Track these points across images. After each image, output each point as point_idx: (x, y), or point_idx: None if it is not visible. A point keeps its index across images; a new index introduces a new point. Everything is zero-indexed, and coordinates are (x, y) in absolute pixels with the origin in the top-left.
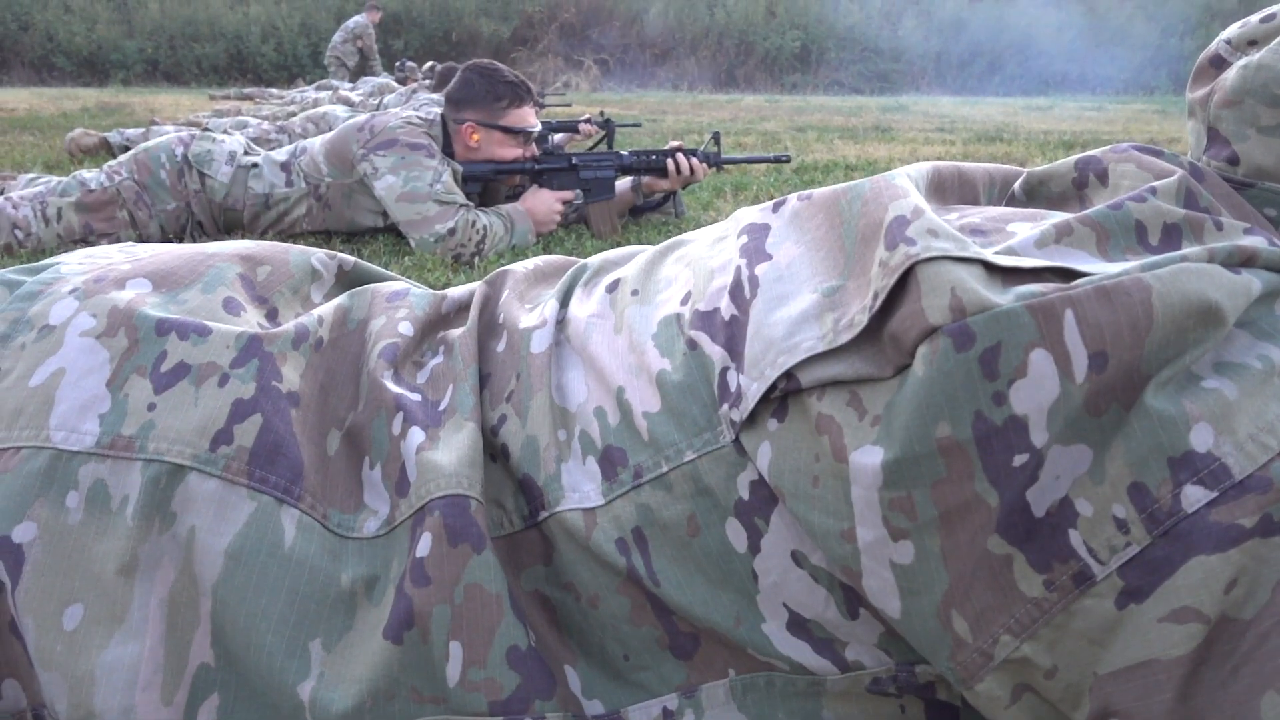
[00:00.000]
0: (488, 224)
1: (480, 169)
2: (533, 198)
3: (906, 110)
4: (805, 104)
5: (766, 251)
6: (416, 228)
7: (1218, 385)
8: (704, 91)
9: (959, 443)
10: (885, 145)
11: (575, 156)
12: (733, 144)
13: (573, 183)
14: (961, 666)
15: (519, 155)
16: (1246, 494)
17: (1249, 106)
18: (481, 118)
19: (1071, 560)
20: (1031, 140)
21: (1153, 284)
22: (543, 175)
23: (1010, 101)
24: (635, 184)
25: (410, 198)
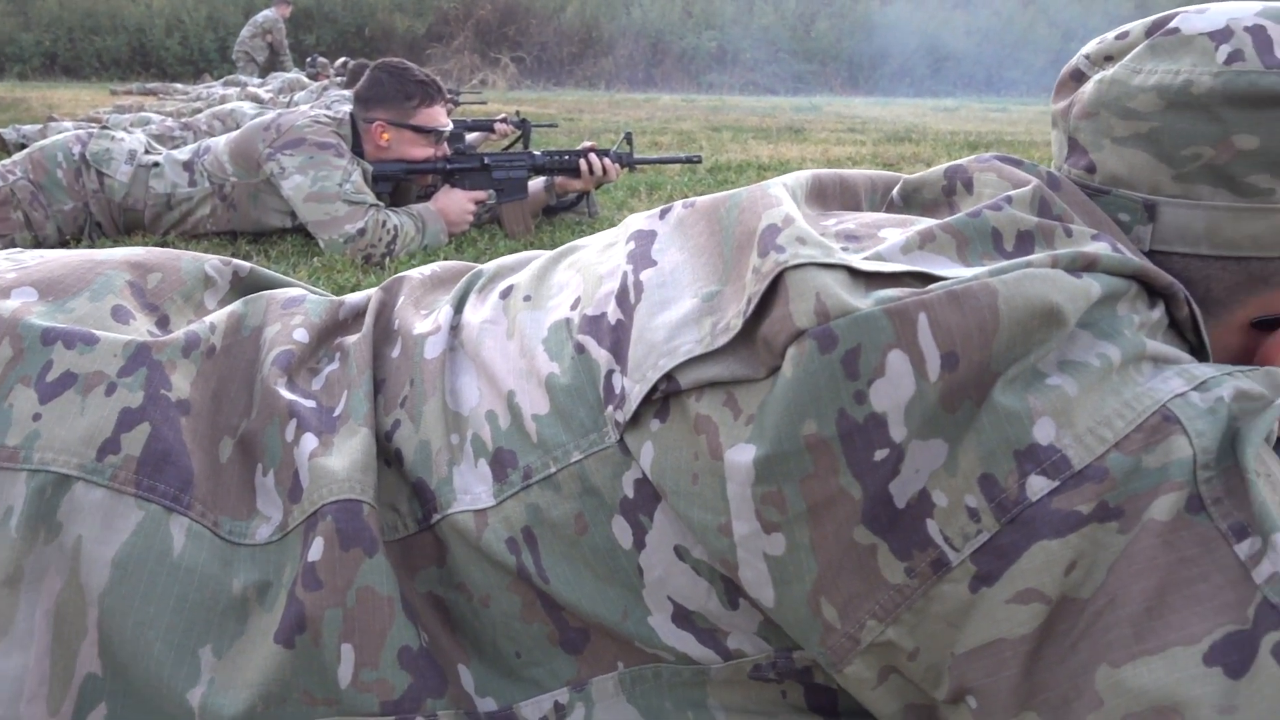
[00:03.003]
0: (398, 224)
1: (391, 169)
2: (445, 198)
3: (819, 111)
4: (721, 104)
5: (652, 258)
6: (325, 228)
7: (1060, 382)
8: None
9: (824, 439)
10: (798, 145)
11: (488, 156)
12: (649, 144)
13: (485, 183)
14: (831, 651)
15: (430, 155)
16: (1085, 483)
17: (1104, 118)
18: (392, 117)
19: (930, 548)
20: (939, 141)
21: (999, 288)
22: (455, 175)
23: (920, 103)
24: (548, 184)
25: (319, 198)
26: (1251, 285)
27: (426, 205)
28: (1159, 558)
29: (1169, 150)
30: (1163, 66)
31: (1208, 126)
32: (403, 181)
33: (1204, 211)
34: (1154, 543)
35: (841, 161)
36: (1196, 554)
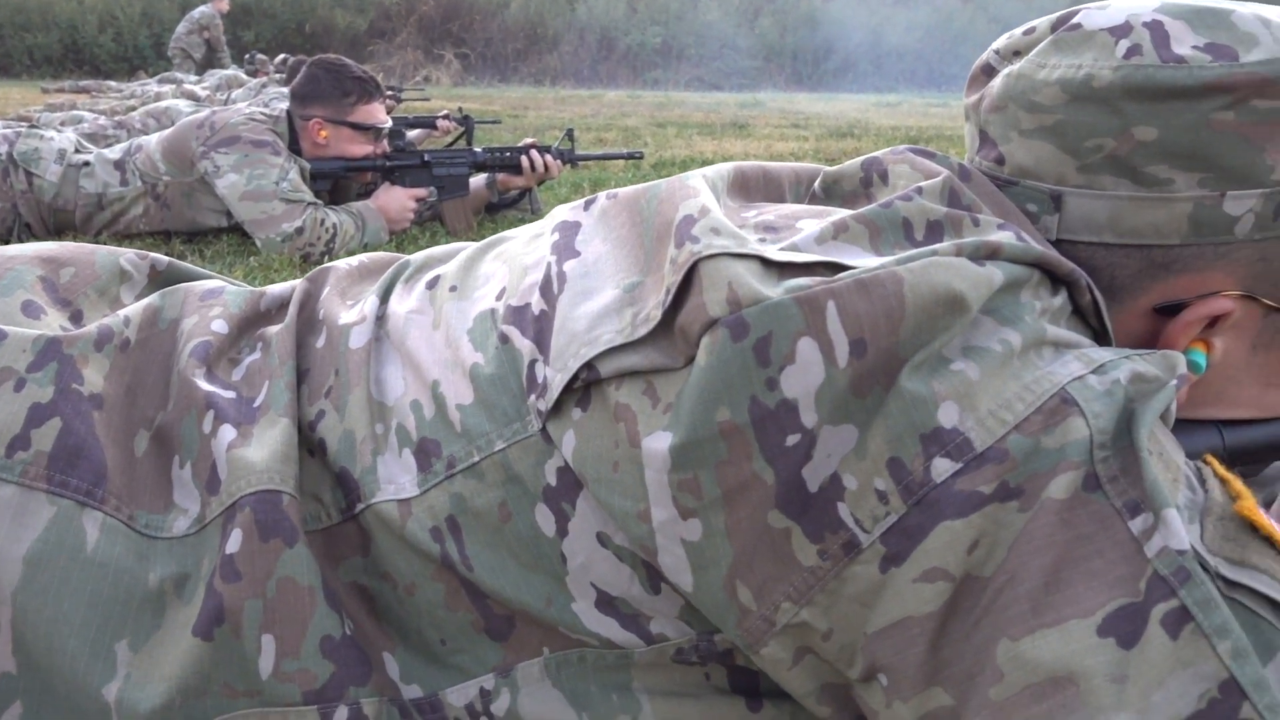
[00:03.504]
0: (337, 222)
1: (329, 166)
2: (385, 195)
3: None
4: (667, 100)
5: (575, 249)
6: (262, 227)
7: (963, 367)
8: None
9: (738, 426)
10: (742, 141)
11: (428, 153)
12: (594, 140)
13: (426, 180)
14: (748, 633)
15: (369, 152)
16: (986, 464)
17: (1011, 112)
18: (329, 114)
19: (841, 530)
20: (880, 136)
21: (905, 276)
22: (395, 172)
23: (862, 98)
24: (490, 181)
25: (255, 196)
26: (1154, 272)
27: (366, 203)
28: (1056, 535)
29: (1073, 142)
30: (1066, 61)
31: (1108, 119)
32: (342, 179)
33: (1107, 201)
34: (1052, 521)
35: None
36: (1093, 531)
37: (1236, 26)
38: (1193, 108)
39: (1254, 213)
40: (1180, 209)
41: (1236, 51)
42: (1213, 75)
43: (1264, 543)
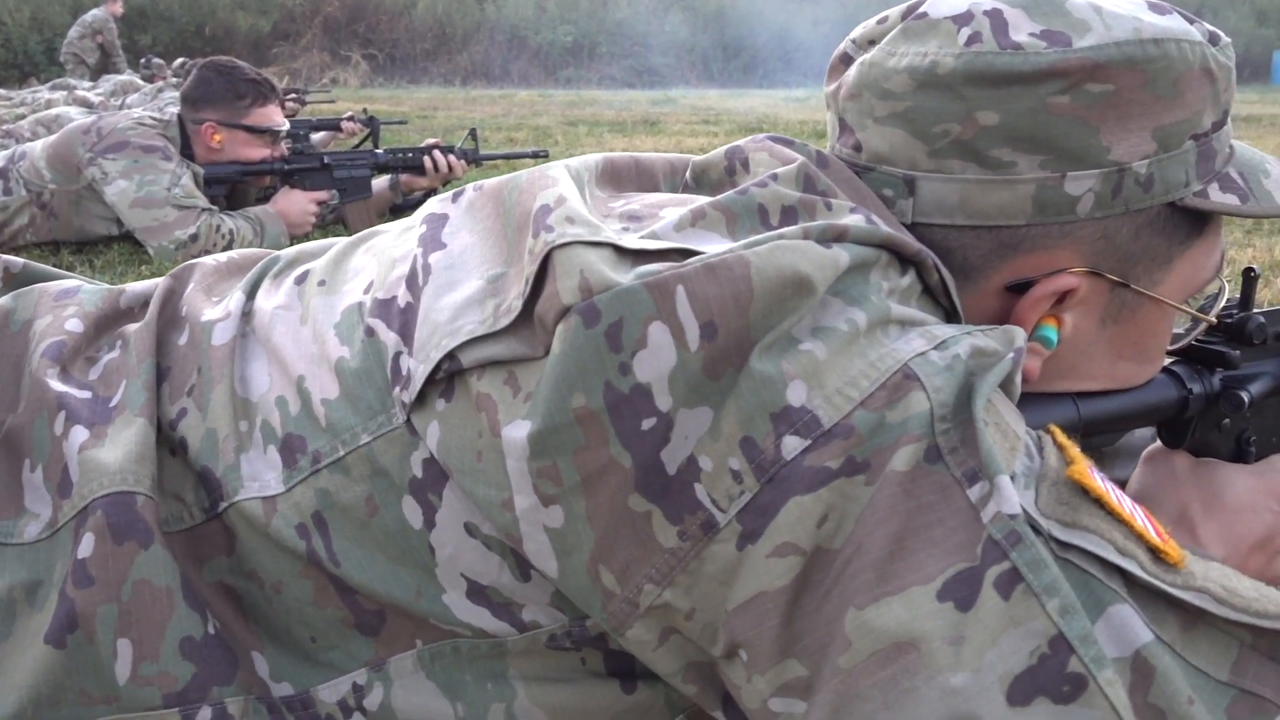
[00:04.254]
0: (234, 228)
1: (224, 171)
2: (284, 199)
3: (675, 103)
4: (578, 98)
5: (441, 241)
6: (154, 235)
7: (811, 347)
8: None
9: (593, 411)
10: (652, 138)
11: (328, 155)
12: (505, 139)
13: (326, 182)
14: (613, 616)
15: (266, 155)
16: (833, 440)
17: (866, 99)
18: (222, 117)
19: (699, 511)
20: (789, 130)
21: (752, 259)
22: (294, 175)
23: (772, 94)
24: (393, 182)
25: (146, 203)
26: (1003, 252)
27: (265, 207)
28: (899, 505)
29: (922, 128)
30: (913, 49)
31: (953, 105)
32: (238, 184)
33: (956, 185)
34: (895, 492)
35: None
36: (934, 500)
37: (1070, 13)
38: (1030, 92)
39: (1094, 192)
40: (1024, 190)
41: (1070, 37)
42: (1047, 61)
43: (1094, 505)
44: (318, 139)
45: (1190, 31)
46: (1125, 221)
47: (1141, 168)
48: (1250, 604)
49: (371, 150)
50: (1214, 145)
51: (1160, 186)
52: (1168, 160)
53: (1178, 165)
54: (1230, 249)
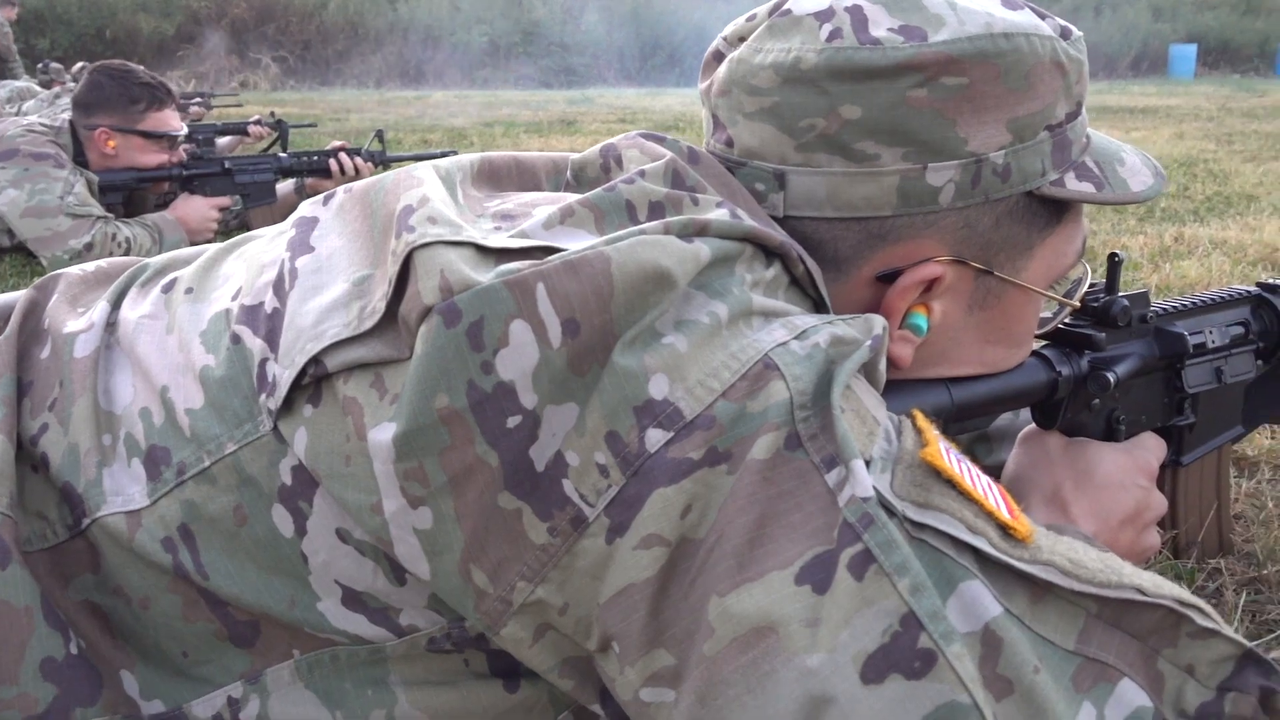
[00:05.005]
0: (130, 236)
1: (120, 178)
2: (184, 205)
3: (592, 103)
4: (495, 99)
5: (310, 244)
6: (47, 245)
7: (673, 340)
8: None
9: (457, 411)
10: (568, 138)
11: (228, 160)
12: (419, 141)
13: (228, 188)
14: (486, 615)
15: (164, 161)
16: (695, 431)
17: (735, 95)
18: (117, 122)
19: (568, 506)
20: None
21: (612, 255)
22: (193, 181)
23: (688, 92)
24: (298, 186)
25: (37, 212)
26: (872, 242)
27: (164, 214)
28: (759, 493)
29: (789, 122)
30: (778, 45)
31: (817, 99)
32: (135, 191)
33: (824, 178)
34: (754, 480)
35: None
36: (793, 487)
37: (927, 9)
38: (890, 86)
39: (954, 183)
40: (889, 182)
41: (926, 32)
42: (904, 55)
43: (947, 485)
44: (224, 143)
45: (1041, 26)
46: (986, 210)
47: (998, 158)
48: (1094, 575)
49: (274, 154)
50: (1069, 135)
51: (1018, 176)
52: (1024, 150)
53: (1033, 155)
54: (1123, 236)
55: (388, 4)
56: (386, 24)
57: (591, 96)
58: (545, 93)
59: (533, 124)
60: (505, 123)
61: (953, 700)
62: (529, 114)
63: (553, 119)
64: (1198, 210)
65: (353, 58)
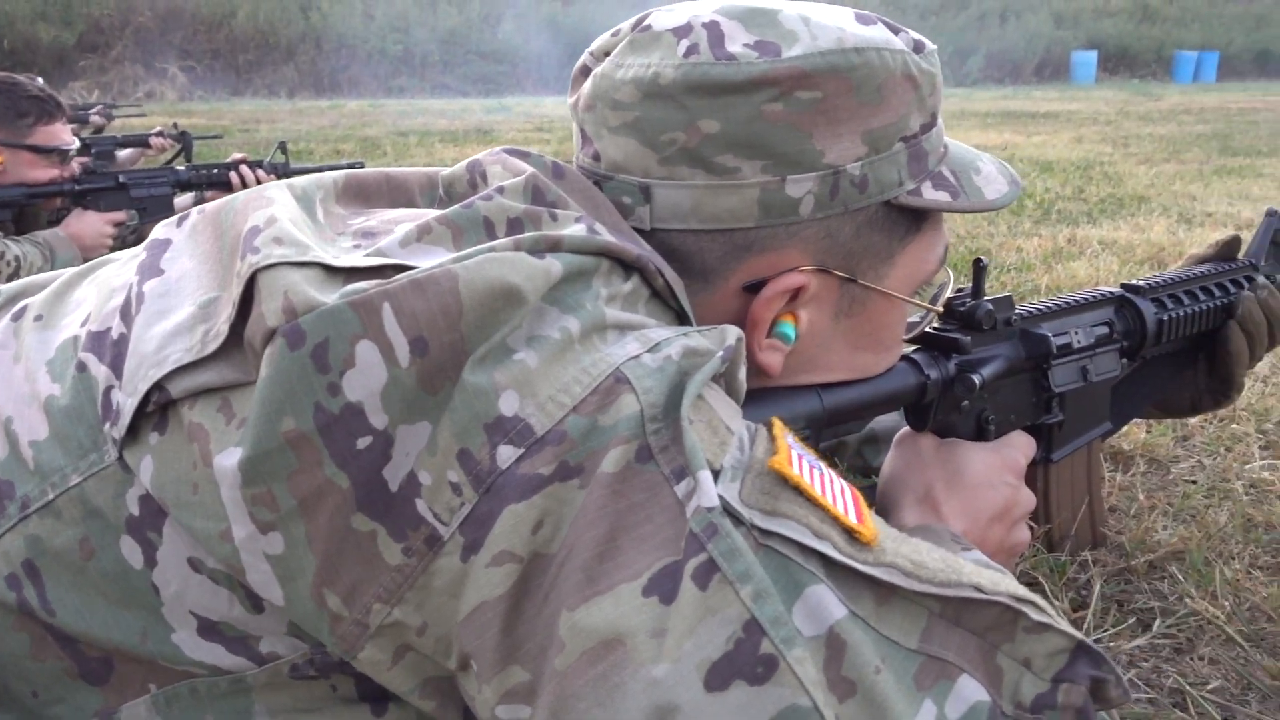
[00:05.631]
0: (20, 254)
1: (8, 194)
2: (77, 222)
3: (509, 111)
4: (410, 108)
5: (160, 267)
6: None
7: (524, 356)
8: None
9: (304, 434)
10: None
11: (123, 174)
12: (331, 151)
13: (123, 202)
14: (342, 640)
15: (55, 176)
16: (546, 446)
17: (600, 110)
18: (4, 137)
19: (422, 526)
20: None
21: (460, 273)
22: (86, 196)
23: None
24: (197, 200)
25: None
26: (737, 254)
27: (55, 231)
28: (608, 506)
29: (651, 137)
30: (639, 61)
31: (677, 114)
32: (25, 207)
33: (687, 191)
34: (605, 493)
35: None
36: (644, 499)
37: (781, 24)
38: (746, 100)
39: (813, 194)
40: (750, 194)
41: (780, 47)
42: (758, 70)
43: (794, 492)
44: (125, 156)
45: (892, 40)
46: (846, 221)
47: (855, 169)
48: (935, 575)
49: (171, 167)
50: (924, 146)
51: (875, 187)
52: (879, 162)
53: (889, 166)
54: (1019, 238)
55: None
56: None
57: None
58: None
59: (448, 133)
60: (420, 132)
61: (794, 704)
62: (445, 123)
63: (469, 128)
64: (1091, 212)
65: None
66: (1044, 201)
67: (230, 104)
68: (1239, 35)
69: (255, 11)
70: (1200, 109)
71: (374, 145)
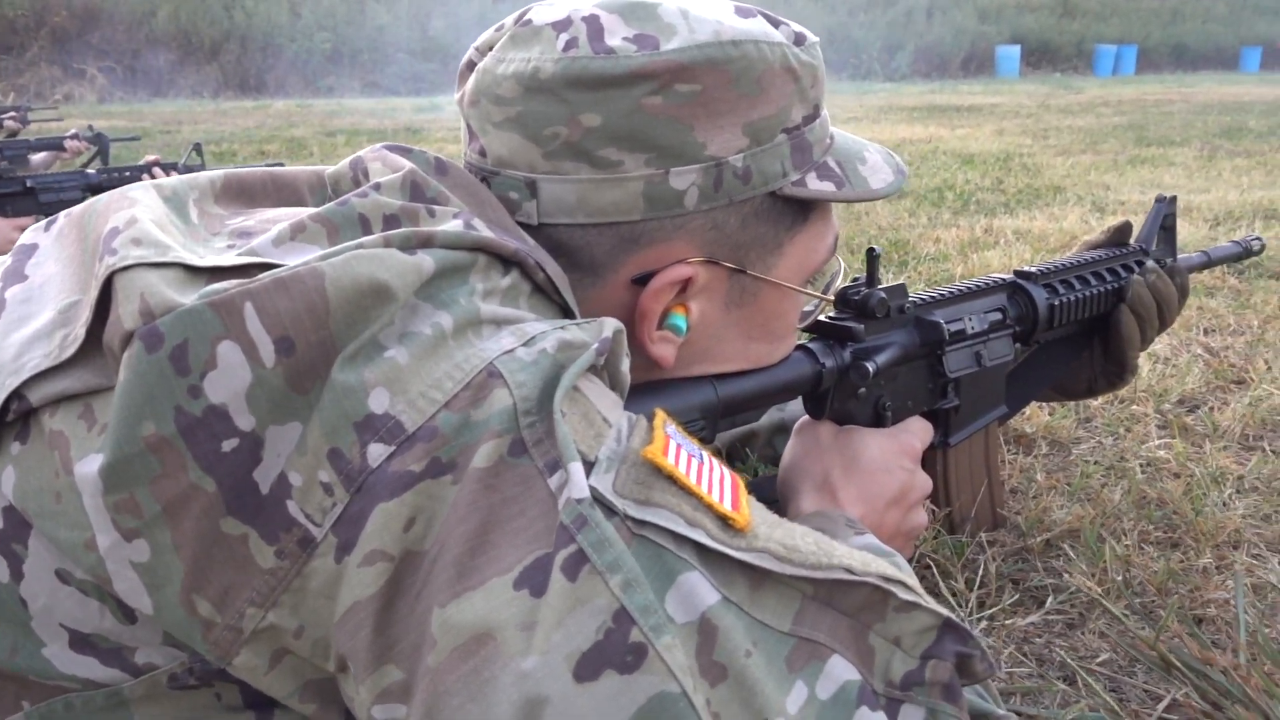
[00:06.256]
0: None
1: None
2: None
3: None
4: (339, 107)
5: (24, 273)
6: None
7: (394, 353)
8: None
9: (166, 438)
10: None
11: (31, 179)
12: (254, 152)
13: (32, 207)
14: (215, 646)
15: None
16: (417, 443)
17: (484, 106)
18: None
19: (294, 528)
20: None
21: (326, 271)
22: None
23: None
24: None
25: None
26: (625, 247)
27: None
28: (480, 501)
29: (534, 131)
30: (519, 55)
31: (558, 108)
32: None
33: (572, 185)
34: (476, 488)
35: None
36: (517, 493)
37: (661, 18)
38: (626, 94)
39: (697, 186)
40: (634, 187)
41: (658, 40)
42: (637, 64)
43: (668, 482)
44: (38, 160)
45: (771, 33)
46: (732, 212)
47: (738, 161)
48: (807, 558)
49: (81, 170)
50: (807, 138)
51: (759, 178)
52: (762, 153)
53: (772, 157)
54: (938, 229)
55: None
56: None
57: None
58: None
59: (377, 133)
60: (349, 132)
61: (663, 691)
62: (374, 123)
63: (398, 127)
64: (1009, 203)
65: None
66: (964, 193)
67: (152, 105)
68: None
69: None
70: (1118, 101)
71: (300, 146)
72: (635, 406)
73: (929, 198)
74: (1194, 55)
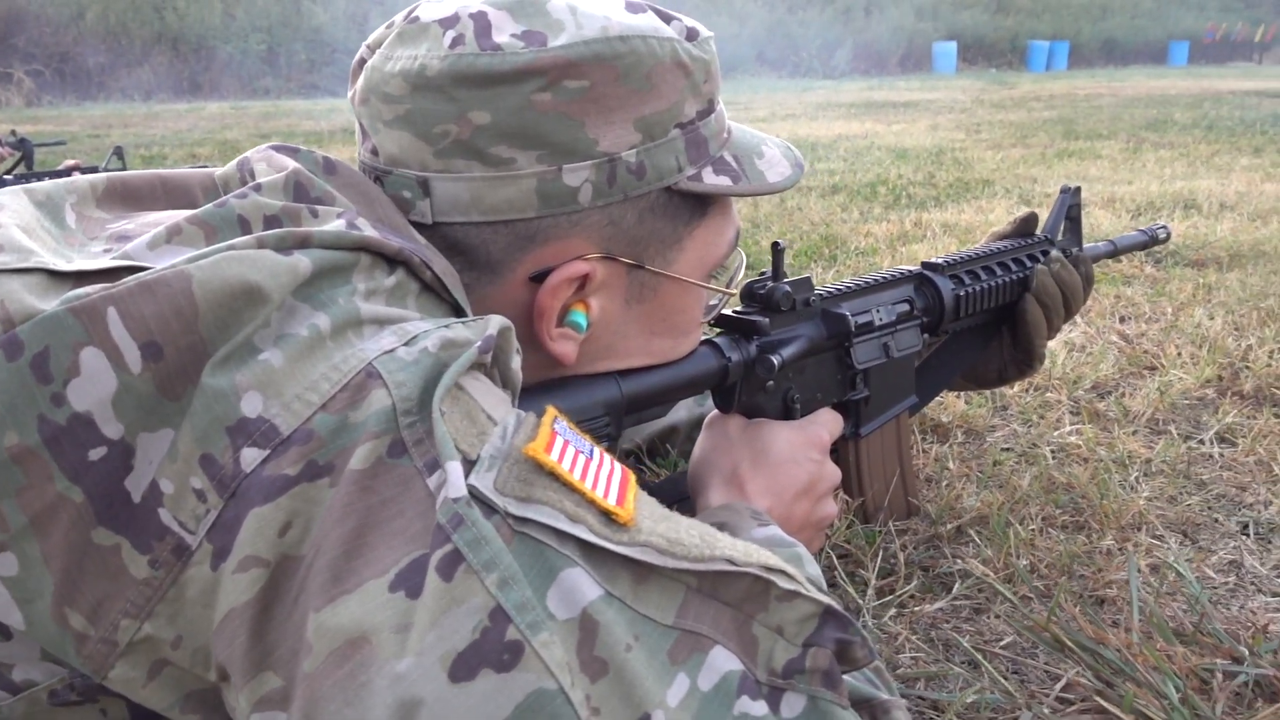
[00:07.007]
0: None
1: None
2: None
3: None
4: (275, 109)
5: None
6: None
7: (269, 356)
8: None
9: (29, 448)
10: (350, 147)
11: None
12: (186, 155)
13: None
14: (89, 659)
15: None
16: (292, 447)
17: (374, 104)
18: None
19: (168, 536)
20: None
21: (194, 273)
22: None
23: None
24: None
25: None
26: (521, 244)
27: None
28: (357, 503)
29: (424, 129)
30: (406, 52)
31: (446, 106)
32: None
33: (465, 183)
34: (352, 490)
35: None
36: (396, 494)
37: (549, 14)
38: (515, 91)
39: (590, 182)
40: (527, 185)
41: (546, 37)
42: (524, 60)
43: (550, 478)
44: None
45: (661, 29)
46: (628, 208)
47: (631, 156)
48: (690, 551)
49: (3, 176)
50: (702, 132)
51: (653, 173)
52: (655, 149)
53: (666, 152)
54: (869, 223)
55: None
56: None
57: None
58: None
59: (314, 134)
60: (284, 134)
61: (540, 688)
62: (311, 124)
63: (335, 129)
64: (939, 196)
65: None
66: (896, 188)
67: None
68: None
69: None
70: (1050, 96)
71: (233, 148)
72: (537, 404)
73: (862, 192)
74: (1124, 50)
